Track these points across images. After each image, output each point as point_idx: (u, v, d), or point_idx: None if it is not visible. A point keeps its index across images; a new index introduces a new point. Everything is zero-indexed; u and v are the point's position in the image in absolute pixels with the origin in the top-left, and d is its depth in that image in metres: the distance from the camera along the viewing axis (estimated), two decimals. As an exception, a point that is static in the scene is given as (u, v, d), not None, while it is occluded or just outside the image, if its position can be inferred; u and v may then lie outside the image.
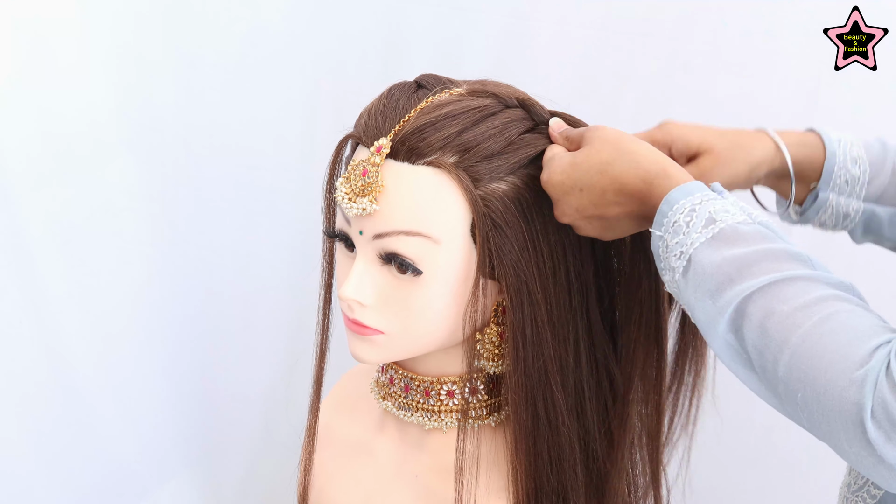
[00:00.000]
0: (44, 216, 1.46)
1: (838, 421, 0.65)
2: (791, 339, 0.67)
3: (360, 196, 0.84)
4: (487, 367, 0.90)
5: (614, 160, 0.79)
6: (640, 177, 0.78)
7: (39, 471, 1.51)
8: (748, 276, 0.70)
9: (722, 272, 0.71)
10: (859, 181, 0.94)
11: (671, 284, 0.77)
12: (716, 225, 0.73)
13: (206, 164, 1.61)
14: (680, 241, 0.74)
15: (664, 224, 0.75)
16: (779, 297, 0.69)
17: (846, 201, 0.94)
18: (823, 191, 0.93)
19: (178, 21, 1.53)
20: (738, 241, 0.72)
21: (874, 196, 0.95)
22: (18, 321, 1.45)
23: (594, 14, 1.51)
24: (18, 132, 1.41)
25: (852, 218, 0.95)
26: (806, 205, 0.95)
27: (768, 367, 0.69)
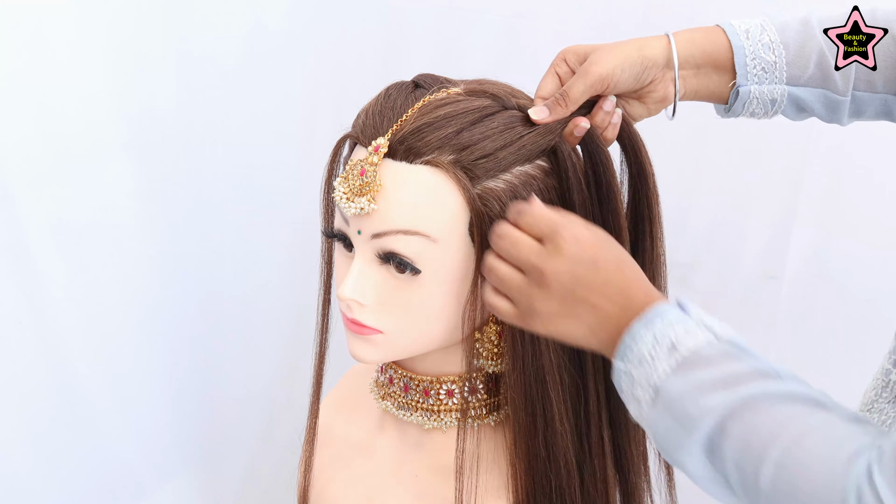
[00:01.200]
0: (43, 215, 1.46)
1: None
2: (772, 451, 0.67)
3: (358, 195, 0.84)
4: (486, 366, 0.90)
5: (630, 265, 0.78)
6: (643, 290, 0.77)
7: (38, 470, 1.51)
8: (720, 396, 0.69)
9: (690, 398, 0.70)
10: (776, 65, 0.93)
11: (637, 416, 0.76)
12: (678, 353, 0.72)
13: (205, 163, 1.61)
14: (646, 372, 0.73)
15: (628, 356, 0.74)
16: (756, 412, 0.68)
17: (769, 88, 0.93)
18: (743, 85, 0.93)
19: (177, 20, 1.53)
20: (704, 365, 0.71)
21: (796, 78, 0.94)
22: (18, 321, 1.46)
23: (594, 14, 1.51)
24: (17, 131, 1.41)
25: (779, 102, 0.94)
26: (731, 101, 0.94)
27: (749, 483, 0.68)
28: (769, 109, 0.95)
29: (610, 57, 0.89)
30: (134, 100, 1.52)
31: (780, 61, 0.93)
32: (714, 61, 0.94)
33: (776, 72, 0.93)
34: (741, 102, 0.94)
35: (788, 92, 0.94)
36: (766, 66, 0.93)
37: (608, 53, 0.89)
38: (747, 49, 0.93)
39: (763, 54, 0.93)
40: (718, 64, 0.94)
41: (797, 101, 0.95)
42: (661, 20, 1.48)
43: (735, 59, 0.93)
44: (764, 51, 0.93)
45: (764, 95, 0.94)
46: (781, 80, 0.93)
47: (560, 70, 0.91)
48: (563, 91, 0.88)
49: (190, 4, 1.54)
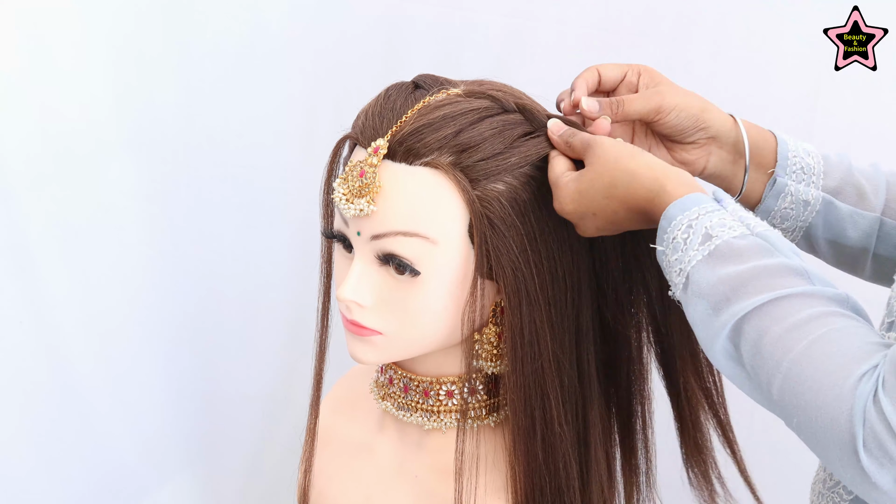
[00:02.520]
0: (43, 215, 1.46)
1: (832, 448, 0.66)
2: (782, 364, 0.68)
3: (358, 197, 0.84)
4: (486, 367, 0.90)
5: (616, 182, 0.80)
6: (642, 196, 0.79)
7: (39, 470, 1.51)
8: (743, 295, 0.71)
9: (718, 291, 0.72)
10: (815, 170, 0.95)
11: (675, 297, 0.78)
12: (712, 242, 0.73)
13: (205, 163, 1.61)
14: (679, 258, 0.75)
15: (664, 240, 0.76)
16: (772, 315, 0.69)
17: (805, 189, 0.94)
18: (781, 176, 0.94)
19: (178, 20, 1.53)
20: (734, 257, 0.72)
21: (831, 189, 0.95)
22: (18, 321, 1.45)
23: (594, 14, 1.51)
24: (18, 131, 1.41)
25: (812, 206, 0.95)
26: (766, 191, 0.95)
27: (763, 389, 0.70)
28: (801, 213, 0.95)
29: (676, 97, 0.91)
30: (134, 100, 1.52)
31: (819, 168, 0.95)
32: (760, 156, 0.95)
33: (814, 176, 0.95)
34: (775, 195, 0.95)
35: (823, 198, 0.95)
36: (804, 168, 0.95)
37: (677, 93, 0.91)
38: (790, 145, 0.95)
39: (803, 156, 0.95)
40: (762, 160, 0.95)
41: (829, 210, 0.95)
42: (660, 20, 1.48)
43: (778, 150, 0.94)
44: (804, 154, 0.95)
45: (799, 194, 0.94)
46: (818, 185, 0.95)
47: (630, 76, 0.93)
48: (622, 101, 0.90)
49: (190, 5, 1.54)
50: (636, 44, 1.50)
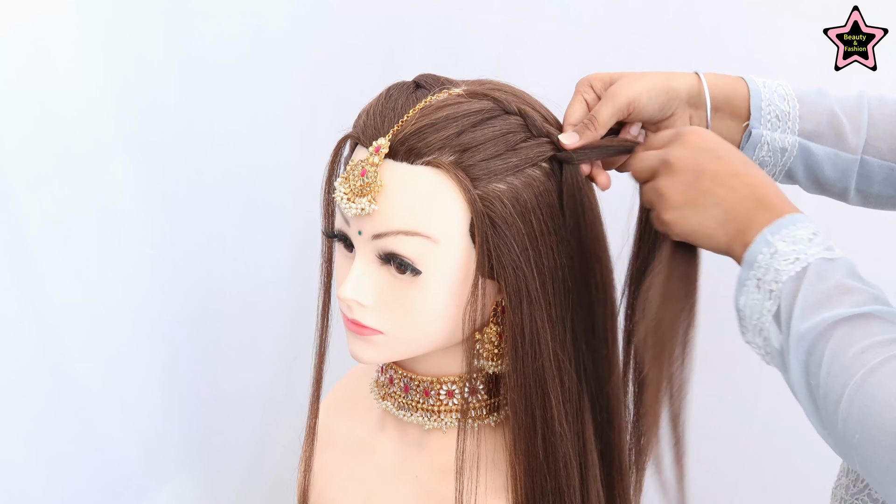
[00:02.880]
0: (43, 215, 1.46)
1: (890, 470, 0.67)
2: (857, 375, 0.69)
3: (359, 196, 0.84)
4: (487, 366, 0.90)
5: (756, 167, 0.81)
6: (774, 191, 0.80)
7: (38, 470, 1.51)
8: (847, 303, 0.72)
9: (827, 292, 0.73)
10: (790, 115, 0.95)
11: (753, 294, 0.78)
12: (834, 252, 0.76)
13: (205, 163, 1.61)
14: (798, 249, 0.75)
15: (780, 233, 0.77)
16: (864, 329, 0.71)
17: (780, 136, 0.95)
18: (756, 127, 0.95)
19: (178, 21, 1.53)
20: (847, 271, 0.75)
21: (808, 133, 0.96)
22: (18, 320, 1.45)
23: (594, 14, 1.51)
24: (17, 132, 1.41)
25: (789, 152, 0.96)
26: (742, 143, 0.96)
27: (831, 399, 0.71)
28: (779, 160, 0.96)
29: (637, 83, 0.91)
30: (134, 100, 1.52)
31: (794, 112, 0.95)
32: (732, 106, 0.96)
33: (789, 122, 0.95)
34: (752, 146, 0.96)
35: (799, 143, 0.95)
36: (779, 115, 0.95)
37: (635, 80, 0.91)
38: (763, 95, 0.95)
39: (778, 102, 0.95)
40: (735, 110, 0.96)
41: (807, 155, 0.96)
42: (660, 20, 1.48)
43: (751, 101, 0.95)
44: (779, 100, 0.95)
45: (775, 143, 0.95)
46: (794, 130, 0.95)
47: (587, 96, 0.93)
48: (592, 115, 0.90)
49: (190, 6, 1.54)
50: (636, 44, 1.50)
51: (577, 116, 0.91)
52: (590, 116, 0.90)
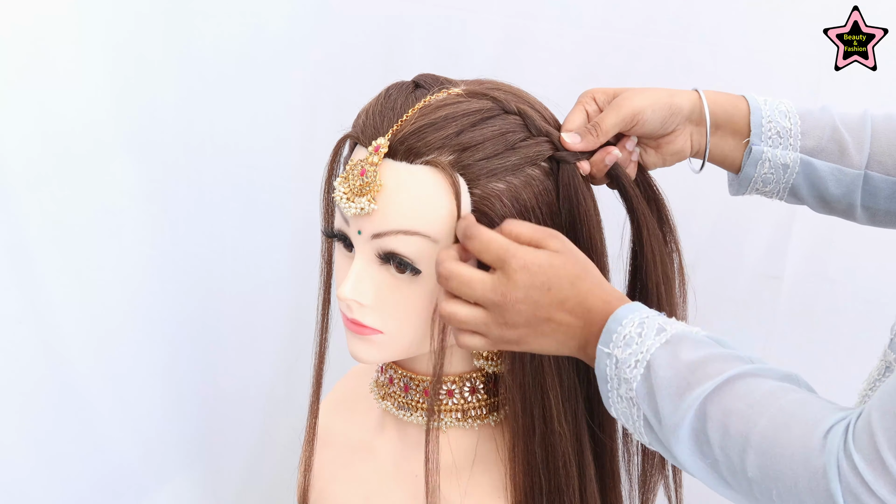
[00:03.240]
0: (43, 215, 1.46)
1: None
2: (752, 438, 0.69)
3: (359, 196, 0.84)
4: (486, 366, 0.91)
5: (584, 277, 0.80)
6: (601, 297, 0.79)
7: (38, 470, 1.51)
8: (703, 377, 0.72)
9: (680, 376, 0.73)
10: (791, 132, 0.95)
11: (620, 403, 0.78)
12: (667, 332, 0.75)
13: (205, 163, 1.61)
14: (634, 350, 0.75)
15: (613, 340, 0.77)
16: (733, 394, 0.71)
17: (782, 153, 0.95)
18: (756, 144, 0.95)
19: (178, 21, 1.53)
20: (690, 344, 0.75)
21: (810, 149, 0.96)
22: (17, 320, 1.45)
23: (594, 14, 1.51)
24: (17, 132, 1.41)
25: (791, 168, 0.96)
26: (743, 161, 0.97)
27: (737, 469, 0.71)
28: (781, 176, 0.96)
29: (642, 97, 0.91)
30: (134, 100, 1.52)
31: (795, 129, 0.96)
32: (732, 124, 0.96)
33: (790, 138, 0.96)
34: (753, 163, 0.96)
35: (801, 159, 0.95)
36: (780, 131, 0.95)
37: (640, 93, 0.92)
38: (764, 112, 0.95)
39: (779, 119, 0.95)
40: (736, 127, 0.96)
41: (810, 171, 0.96)
42: (661, 20, 1.48)
43: (751, 118, 0.95)
44: (780, 117, 0.95)
45: (776, 159, 0.95)
46: (795, 147, 0.95)
47: (588, 107, 0.94)
48: (596, 122, 0.90)
49: (190, 6, 1.54)
50: (636, 44, 1.50)
51: (577, 124, 0.91)
52: (594, 123, 0.90)
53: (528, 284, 0.78)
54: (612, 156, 0.90)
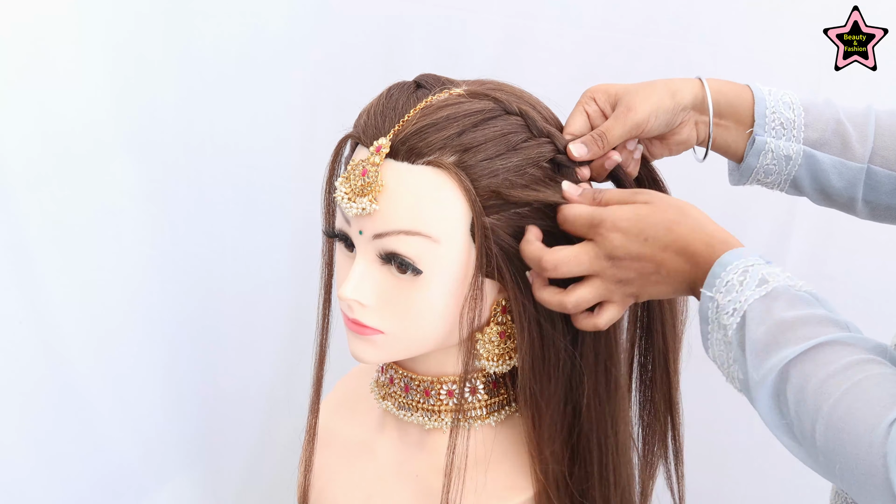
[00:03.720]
0: (43, 216, 1.46)
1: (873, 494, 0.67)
2: (823, 408, 0.69)
3: (360, 196, 0.84)
4: (488, 366, 0.90)
5: (681, 221, 0.81)
6: (703, 240, 0.80)
7: (38, 470, 1.51)
8: (792, 340, 0.72)
9: (770, 334, 0.73)
10: (795, 123, 0.95)
11: (718, 346, 0.78)
12: (769, 284, 0.75)
13: (205, 163, 1.61)
14: (733, 298, 0.76)
15: (716, 285, 0.77)
16: (816, 361, 0.71)
17: (785, 144, 0.95)
18: (760, 134, 0.95)
19: (178, 21, 1.53)
20: (787, 302, 0.74)
21: (813, 141, 0.96)
22: (18, 320, 1.45)
23: (594, 14, 1.51)
24: (18, 132, 1.41)
25: (794, 160, 0.96)
26: (746, 151, 0.97)
27: (807, 435, 0.71)
28: (783, 168, 0.96)
29: (645, 103, 0.91)
30: (134, 100, 1.52)
31: (799, 121, 0.95)
32: (737, 113, 0.96)
33: (794, 130, 0.95)
34: (756, 153, 0.96)
35: (804, 151, 0.95)
36: (784, 122, 0.95)
37: (643, 99, 0.91)
38: (768, 102, 0.95)
39: (783, 110, 0.95)
40: (740, 117, 0.96)
41: (812, 163, 0.96)
42: (660, 20, 1.48)
43: (755, 109, 0.95)
44: (784, 108, 0.95)
45: (779, 150, 0.95)
46: (798, 139, 0.95)
47: (589, 108, 0.93)
48: (602, 132, 0.90)
49: (190, 6, 1.54)
50: (636, 44, 1.50)
51: (578, 127, 0.92)
52: (600, 132, 0.90)
53: (624, 241, 0.81)
54: (612, 161, 0.90)
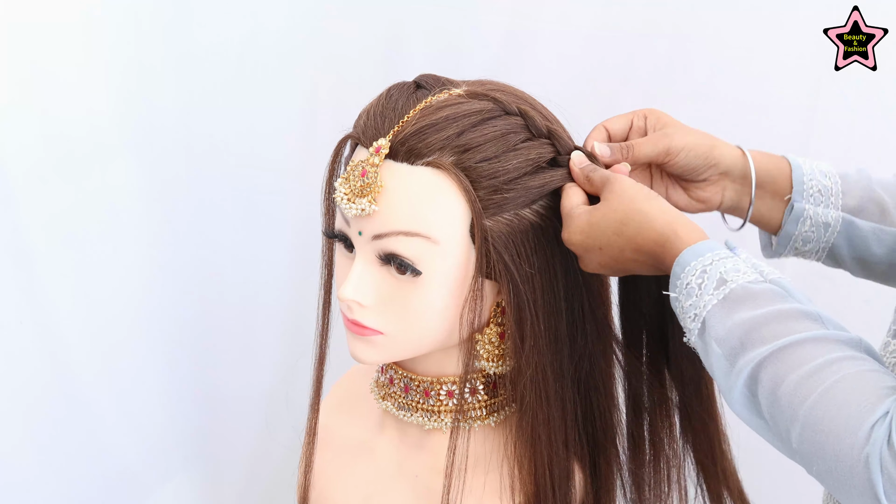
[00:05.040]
0: (45, 218, 1.46)
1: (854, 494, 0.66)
2: (799, 412, 0.68)
3: (359, 196, 0.84)
4: (487, 367, 0.90)
5: (628, 220, 0.81)
6: (652, 239, 0.80)
7: (40, 472, 1.51)
8: (758, 340, 0.71)
9: (734, 336, 0.72)
10: (832, 190, 0.95)
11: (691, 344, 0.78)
12: (727, 286, 0.74)
13: (206, 165, 1.61)
14: (693, 303, 0.75)
15: (678, 286, 0.77)
16: (787, 362, 0.70)
17: (823, 211, 0.95)
18: (798, 201, 0.95)
19: (179, 24, 1.53)
20: (749, 302, 0.73)
21: (852, 208, 0.96)
22: (19, 322, 1.46)
23: (594, 14, 1.51)
24: (20, 134, 1.41)
25: (833, 227, 0.95)
26: (784, 217, 0.96)
27: (783, 437, 0.70)
28: (822, 235, 0.96)
29: (685, 137, 0.92)
30: (136, 103, 1.52)
31: (836, 188, 0.95)
32: (774, 183, 0.96)
33: (832, 197, 0.95)
34: (794, 220, 0.95)
35: (843, 218, 0.95)
36: (822, 189, 0.95)
37: (685, 134, 0.92)
38: (805, 170, 0.95)
39: (819, 178, 0.95)
40: (777, 187, 0.96)
41: (851, 230, 0.96)
42: (661, 21, 1.48)
43: (793, 176, 0.95)
44: (820, 176, 0.95)
45: (818, 217, 0.95)
46: (837, 206, 0.95)
47: (637, 121, 0.94)
48: (631, 146, 0.91)
49: (191, 9, 1.54)
50: (636, 44, 1.50)
51: (616, 127, 0.92)
52: (629, 145, 0.91)
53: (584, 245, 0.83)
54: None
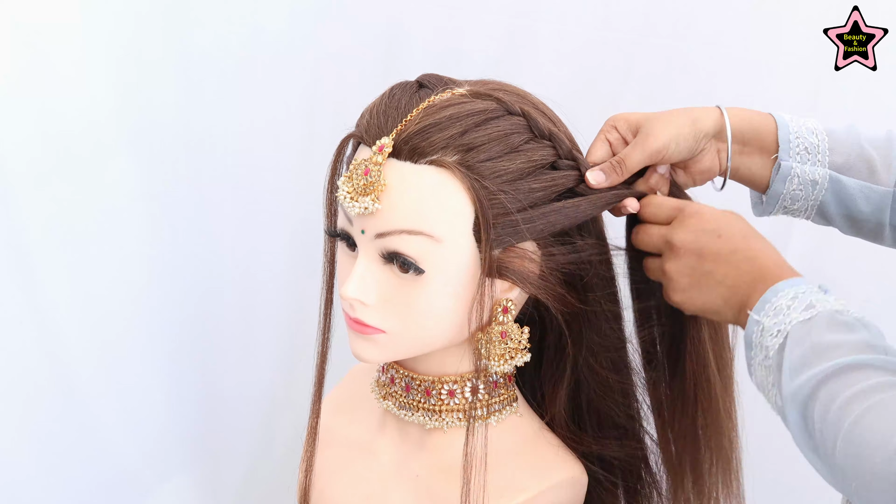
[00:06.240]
0: (44, 216, 1.46)
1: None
2: (844, 425, 0.70)
3: (362, 195, 0.84)
4: (492, 366, 0.90)
5: (758, 237, 0.84)
6: (772, 259, 0.82)
7: (40, 472, 1.51)
8: (825, 360, 0.73)
9: (805, 355, 0.74)
10: (819, 148, 0.96)
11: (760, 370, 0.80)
12: (814, 309, 0.77)
13: (205, 164, 1.61)
14: (778, 321, 0.77)
15: (765, 309, 0.78)
16: (842, 381, 0.72)
17: (811, 169, 0.95)
18: (785, 160, 0.95)
19: (178, 22, 1.53)
20: (827, 325, 0.76)
21: (839, 166, 0.96)
22: (18, 321, 1.46)
23: (594, 14, 1.51)
24: (18, 132, 1.41)
25: (820, 185, 0.96)
26: (771, 177, 0.96)
27: (829, 451, 0.72)
28: (810, 193, 0.96)
29: (665, 130, 0.92)
30: (135, 101, 1.52)
31: (823, 145, 0.96)
32: (760, 140, 0.96)
33: (818, 154, 0.96)
34: (782, 179, 0.95)
35: (830, 175, 0.95)
36: (808, 147, 0.95)
37: (663, 125, 0.92)
38: (791, 128, 0.96)
39: (806, 135, 0.96)
40: (764, 144, 0.96)
41: (839, 188, 0.96)
42: (660, 20, 1.49)
43: (779, 134, 0.95)
44: (807, 133, 0.96)
45: (805, 175, 0.95)
46: (824, 163, 0.96)
47: (610, 137, 0.94)
48: (620, 159, 0.91)
49: (190, 7, 1.54)
50: (636, 44, 1.50)
51: (600, 156, 0.92)
52: (618, 159, 0.91)
53: (698, 228, 0.83)
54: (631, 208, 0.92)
